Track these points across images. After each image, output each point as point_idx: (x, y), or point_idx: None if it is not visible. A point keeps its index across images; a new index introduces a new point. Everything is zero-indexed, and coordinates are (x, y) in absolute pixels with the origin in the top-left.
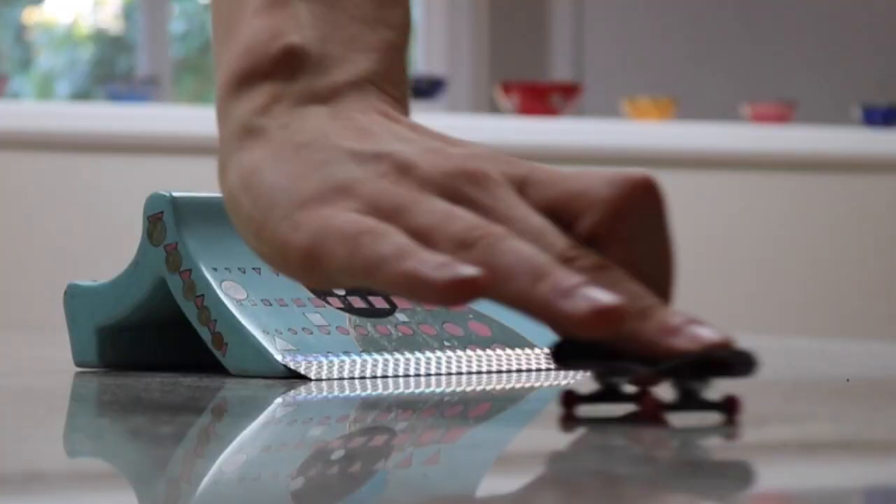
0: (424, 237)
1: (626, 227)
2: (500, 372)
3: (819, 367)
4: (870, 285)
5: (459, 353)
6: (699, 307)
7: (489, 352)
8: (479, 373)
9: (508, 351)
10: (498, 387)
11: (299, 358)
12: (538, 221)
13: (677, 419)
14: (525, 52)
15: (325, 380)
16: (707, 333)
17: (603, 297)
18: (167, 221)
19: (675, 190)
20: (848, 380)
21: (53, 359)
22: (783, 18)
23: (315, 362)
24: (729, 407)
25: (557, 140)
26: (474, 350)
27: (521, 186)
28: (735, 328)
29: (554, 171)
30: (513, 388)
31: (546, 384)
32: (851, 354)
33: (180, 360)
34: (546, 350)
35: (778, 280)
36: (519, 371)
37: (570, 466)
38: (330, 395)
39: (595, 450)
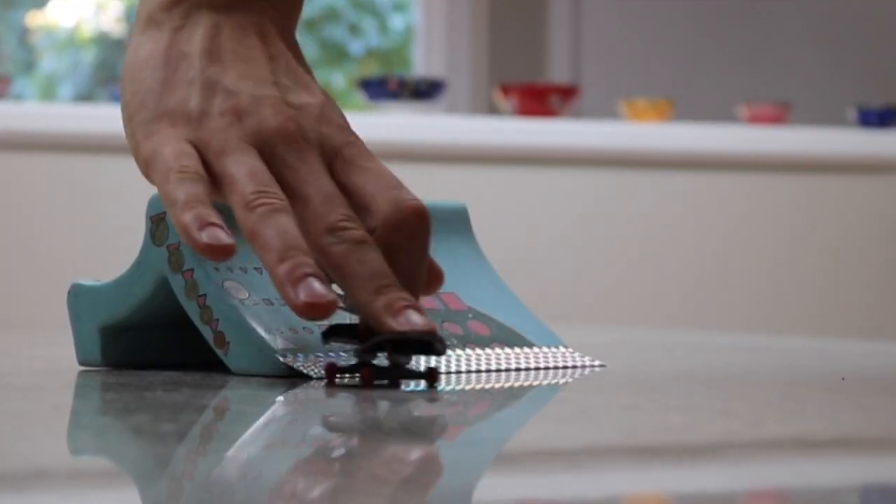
0: (228, 186)
1: (394, 238)
2: (498, 370)
3: (815, 365)
4: (866, 285)
5: (459, 351)
6: (696, 305)
7: (488, 350)
8: (478, 371)
9: (507, 350)
10: (497, 385)
11: (300, 357)
12: (329, 188)
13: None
14: (523, 55)
15: (325, 378)
16: (417, 319)
17: (320, 290)
18: (169, 222)
19: (673, 191)
20: (843, 378)
21: (57, 358)
22: (779, 21)
23: (315, 361)
24: (429, 376)
25: (556, 141)
26: (473, 349)
27: (332, 157)
28: (731, 326)
29: (365, 156)
30: (511, 387)
31: (545, 382)
32: (847, 353)
33: (182, 359)
34: (554, 348)
35: (774, 279)
36: (518, 369)
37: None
38: (330, 394)
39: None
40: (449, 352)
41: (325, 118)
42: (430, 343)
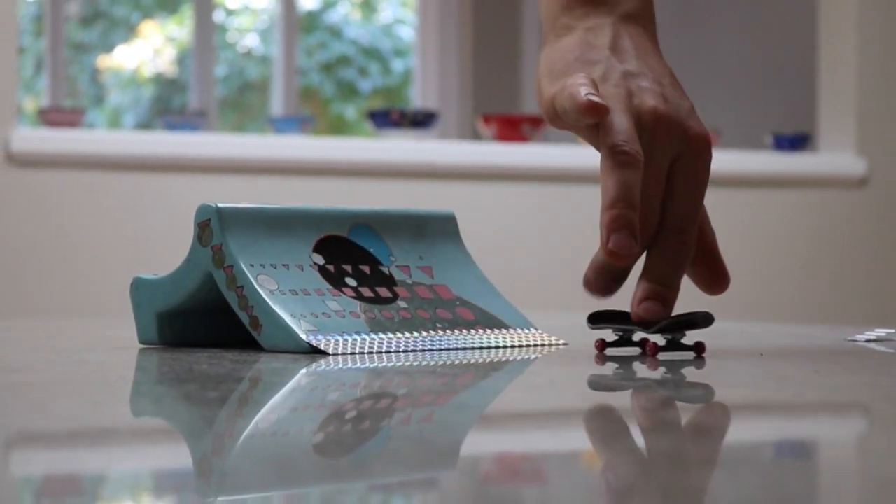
0: (605, 129)
1: (663, 244)
2: (481, 348)
3: (738, 343)
4: (779, 278)
5: (449, 332)
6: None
7: (473, 332)
8: (464, 349)
9: (489, 331)
10: (480, 360)
11: (320, 337)
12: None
13: (667, 356)
14: (501, 91)
15: (340, 354)
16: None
17: (626, 243)
18: (213, 227)
19: None
20: (762, 354)
21: (122, 338)
22: (708, 62)
23: (333, 340)
24: (697, 349)
25: (528, 162)
26: (461, 330)
27: (676, 155)
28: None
29: (692, 170)
30: (492, 361)
31: (518, 358)
32: (765, 333)
33: (224, 339)
34: (527, 329)
35: None
36: (497, 347)
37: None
38: (345, 367)
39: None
40: (441, 332)
41: (690, 119)
42: (695, 321)
